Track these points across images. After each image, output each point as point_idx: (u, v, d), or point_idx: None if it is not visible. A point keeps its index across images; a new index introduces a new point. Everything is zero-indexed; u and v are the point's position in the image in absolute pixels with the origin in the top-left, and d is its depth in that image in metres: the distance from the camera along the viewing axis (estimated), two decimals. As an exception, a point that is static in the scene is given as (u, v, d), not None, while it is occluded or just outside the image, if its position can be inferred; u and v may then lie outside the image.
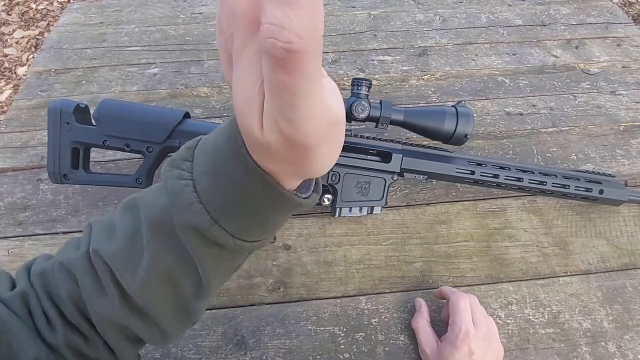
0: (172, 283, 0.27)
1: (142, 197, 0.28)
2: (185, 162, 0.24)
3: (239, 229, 0.24)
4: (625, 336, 0.49)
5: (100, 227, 0.29)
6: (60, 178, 0.51)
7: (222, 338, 0.48)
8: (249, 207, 0.23)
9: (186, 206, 0.23)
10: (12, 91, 1.64)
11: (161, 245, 0.26)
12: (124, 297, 0.27)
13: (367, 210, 0.53)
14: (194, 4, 0.89)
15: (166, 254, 0.26)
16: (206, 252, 0.25)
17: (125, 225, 0.27)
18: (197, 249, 0.25)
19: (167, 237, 0.25)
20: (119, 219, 0.28)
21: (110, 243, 0.27)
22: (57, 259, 0.29)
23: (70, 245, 0.31)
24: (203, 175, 0.23)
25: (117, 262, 0.27)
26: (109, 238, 0.28)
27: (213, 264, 0.26)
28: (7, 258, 0.53)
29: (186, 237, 0.25)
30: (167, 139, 0.50)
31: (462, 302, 0.45)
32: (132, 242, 0.27)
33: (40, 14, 1.92)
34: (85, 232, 0.30)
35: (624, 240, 0.56)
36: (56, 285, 0.29)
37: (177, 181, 0.24)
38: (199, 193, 0.23)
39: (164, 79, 0.74)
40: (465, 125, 0.51)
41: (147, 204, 0.27)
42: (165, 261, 0.26)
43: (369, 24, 0.84)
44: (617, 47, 0.80)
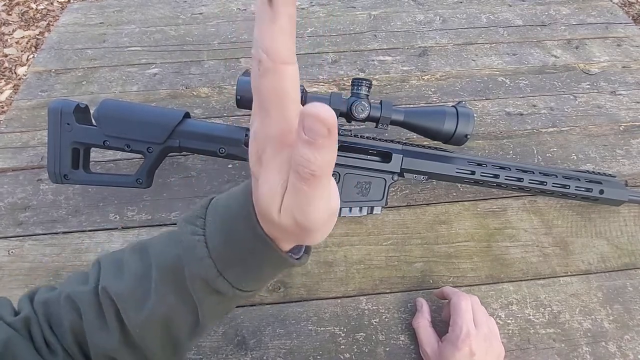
0: (171, 323, 0.30)
1: (153, 244, 0.31)
2: (198, 219, 0.28)
3: (239, 281, 0.28)
4: (626, 336, 0.49)
5: (109, 265, 0.32)
6: (60, 178, 0.51)
7: (222, 338, 0.48)
8: (250, 263, 0.27)
9: (198, 260, 0.27)
10: (12, 91, 1.64)
11: (168, 289, 0.29)
12: (124, 332, 0.30)
13: (368, 210, 0.53)
14: (194, 4, 0.89)
15: (171, 297, 0.29)
16: (207, 299, 0.29)
17: (135, 267, 0.31)
18: (201, 295, 0.29)
19: (176, 283, 0.29)
20: (128, 259, 0.31)
21: (119, 282, 0.30)
22: (64, 291, 0.32)
23: (77, 279, 0.33)
24: (214, 234, 0.27)
25: (123, 300, 0.30)
26: (117, 277, 0.31)
27: (212, 308, 0.30)
28: (8, 258, 0.53)
29: (193, 285, 0.28)
30: (167, 139, 0.50)
31: (464, 302, 0.45)
32: (140, 283, 0.30)
33: (40, 14, 1.92)
34: (94, 268, 0.33)
35: (624, 240, 0.56)
36: (60, 315, 0.31)
37: (191, 236, 0.27)
38: (210, 249, 0.27)
39: (164, 79, 0.74)
40: (466, 126, 0.51)
41: (159, 252, 0.30)
42: (170, 303, 0.29)
43: (369, 24, 0.84)
44: (617, 47, 0.80)
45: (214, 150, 0.51)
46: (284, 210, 0.22)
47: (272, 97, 0.20)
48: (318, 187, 0.21)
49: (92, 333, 0.31)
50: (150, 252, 0.31)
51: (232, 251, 0.27)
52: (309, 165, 0.19)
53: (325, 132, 0.18)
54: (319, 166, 0.19)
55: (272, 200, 0.23)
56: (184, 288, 0.29)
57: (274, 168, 0.22)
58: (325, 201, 0.22)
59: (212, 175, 0.61)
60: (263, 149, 0.22)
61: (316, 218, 0.22)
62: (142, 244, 0.32)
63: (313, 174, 0.20)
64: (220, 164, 0.62)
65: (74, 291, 0.31)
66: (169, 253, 0.29)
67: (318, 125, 0.18)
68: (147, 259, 0.30)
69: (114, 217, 0.57)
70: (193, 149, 0.51)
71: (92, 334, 0.31)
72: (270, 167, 0.22)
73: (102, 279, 0.31)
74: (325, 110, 0.18)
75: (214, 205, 0.28)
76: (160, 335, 0.31)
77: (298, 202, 0.22)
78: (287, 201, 0.22)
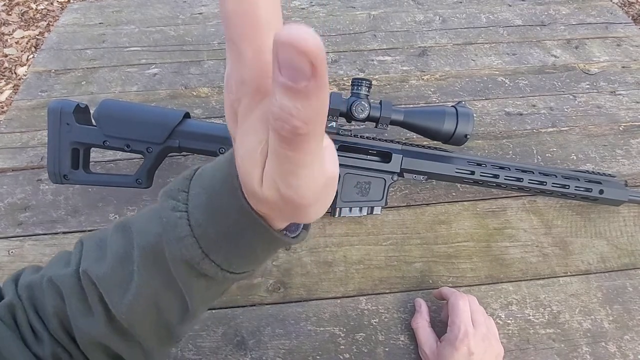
0: (159, 308, 0.27)
1: (136, 221, 0.28)
2: (181, 192, 0.24)
3: (227, 262, 0.24)
4: (626, 336, 0.49)
5: (91, 245, 0.29)
6: (60, 178, 0.51)
7: (222, 338, 0.48)
8: (239, 242, 0.23)
9: (179, 239, 0.24)
10: (12, 91, 1.64)
11: (152, 272, 0.26)
12: (109, 317, 0.28)
13: (367, 210, 0.53)
14: (193, 4, 0.89)
15: (156, 281, 0.26)
16: (194, 283, 0.25)
17: (116, 247, 0.27)
18: (186, 279, 0.25)
19: (158, 266, 0.26)
20: (110, 238, 0.28)
21: (101, 264, 0.27)
22: (46, 274, 0.29)
23: (60, 260, 0.31)
24: (197, 208, 0.23)
25: (105, 284, 0.27)
26: (99, 258, 0.28)
27: (200, 293, 0.26)
28: (7, 258, 0.53)
29: (176, 269, 0.25)
30: (167, 139, 0.50)
31: (461, 302, 0.45)
32: (122, 265, 0.27)
33: (40, 14, 1.92)
34: (76, 248, 0.30)
35: (624, 240, 0.56)
36: (43, 300, 0.29)
37: (172, 212, 0.24)
38: (192, 227, 0.23)
39: (164, 79, 0.74)
40: (465, 126, 0.51)
41: (141, 230, 0.27)
42: (154, 287, 0.26)
43: (369, 24, 0.84)
44: (617, 47, 0.80)
45: (214, 150, 0.51)
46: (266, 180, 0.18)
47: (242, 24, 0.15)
48: (305, 151, 0.16)
49: (76, 319, 0.28)
50: (133, 230, 0.27)
51: (217, 229, 0.23)
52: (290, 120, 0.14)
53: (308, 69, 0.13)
54: (303, 121, 0.14)
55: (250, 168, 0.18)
56: (167, 271, 0.25)
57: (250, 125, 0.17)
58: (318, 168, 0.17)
59: (212, 175, 0.61)
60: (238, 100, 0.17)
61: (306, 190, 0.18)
62: (126, 222, 0.28)
63: (296, 132, 0.15)
64: (220, 164, 0.61)
65: (56, 274, 0.29)
66: (150, 231, 0.26)
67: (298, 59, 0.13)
68: (130, 238, 0.27)
69: (114, 217, 0.57)
70: (193, 149, 0.51)
71: (77, 320, 0.28)
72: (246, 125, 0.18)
73: (83, 260, 0.28)
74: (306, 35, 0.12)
75: (198, 176, 0.24)
76: (150, 320, 0.28)
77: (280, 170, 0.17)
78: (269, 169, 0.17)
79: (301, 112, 0.14)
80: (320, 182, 0.18)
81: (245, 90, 0.17)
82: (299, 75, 0.13)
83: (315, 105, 0.14)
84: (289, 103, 0.14)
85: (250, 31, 0.15)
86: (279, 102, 0.14)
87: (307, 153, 0.16)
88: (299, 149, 0.16)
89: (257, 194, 0.19)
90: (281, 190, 0.18)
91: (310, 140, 0.15)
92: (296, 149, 0.16)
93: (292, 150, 0.16)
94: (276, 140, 0.16)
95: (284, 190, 0.18)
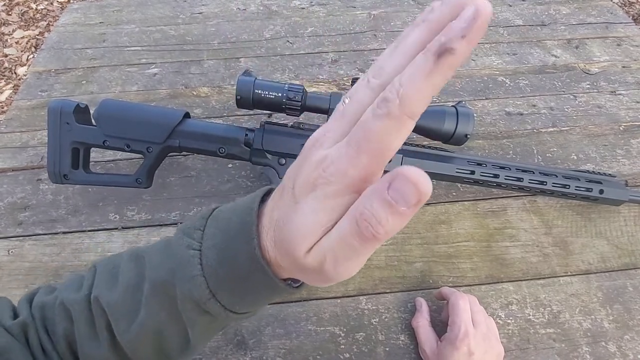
0: (162, 340, 0.29)
1: (150, 253, 0.29)
2: (196, 231, 0.26)
3: (232, 303, 0.26)
4: (626, 336, 0.49)
5: (104, 272, 0.31)
6: (60, 178, 0.51)
7: (222, 338, 0.48)
8: (246, 286, 0.25)
9: (190, 278, 0.25)
10: (12, 91, 1.64)
11: (159, 306, 0.27)
12: (114, 344, 0.29)
13: (367, 210, 0.53)
14: (194, 4, 0.89)
15: (162, 314, 0.27)
16: (198, 319, 0.27)
17: (128, 277, 0.29)
18: (190, 315, 0.27)
19: (166, 300, 0.27)
20: (123, 266, 0.30)
21: (112, 292, 0.29)
22: (59, 296, 0.31)
23: (73, 283, 0.32)
24: (210, 249, 0.25)
25: (114, 312, 0.29)
26: (111, 286, 0.29)
27: (203, 329, 0.28)
28: (7, 258, 0.53)
29: (183, 305, 0.26)
30: (167, 139, 0.50)
31: (462, 302, 0.45)
32: (132, 295, 0.28)
33: (40, 14, 1.92)
34: (90, 272, 0.32)
35: (625, 240, 0.56)
36: (54, 321, 0.30)
37: (186, 250, 0.25)
38: (204, 266, 0.25)
39: (164, 79, 0.74)
40: (466, 125, 0.51)
41: (153, 263, 0.28)
42: (160, 320, 0.28)
43: (369, 24, 0.84)
44: (617, 47, 0.80)
45: (214, 150, 0.51)
46: (315, 252, 0.20)
47: (378, 143, 0.18)
48: (369, 248, 0.18)
49: (82, 342, 0.30)
50: (146, 262, 0.29)
51: (228, 271, 0.24)
52: (377, 226, 0.17)
53: (414, 201, 0.16)
54: (386, 231, 0.17)
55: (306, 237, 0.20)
56: (174, 305, 0.27)
57: (328, 205, 0.19)
58: (363, 261, 0.20)
59: (212, 175, 0.61)
60: (328, 182, 0.19)
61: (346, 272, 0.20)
62: (140, 252, 0.30)
63: (375, 236, 0.17)
64: (220, 163, 0.62)
65: (68, 298, 0.30)
66: (162, 265, 0.27)
67: (411, 191, 0.16)
68: (142, 269, 0.29)
69: (114, 217, 0.57)
70: (193, 148, 0.51)
71: (83, 343, 0.30)
72: (324, 203, 0.19)
73: (95, 287, 0.30)
74: (424, 179, 0.16)
75: (215, 217, 0.26)
76: (152, 351, 0.29)
77: (338, 252, 0.19)
78: (327, 245, 0.19)
79: (388, 224, 0.17)
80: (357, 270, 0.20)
81: (342, 180, 0.19)
82: (404, 201, 0.16)
83: (399, 223, 0.17)
84: (383, 214, 0.17)
85: (381, 150, 0.18)
86: (374, 209, 0.17)
87: (369, 249, 0.19)
88: (367, 246, 0.18)
89: (296, 257, 0.20)
90: (326, 265, 0.20)
91: (378, 243, 0.18)
92: (364, 245, 0.18)
93: (360, 244, 0.18)
94: (351, 231, 0.18)
95: (328, 266, 0.20)
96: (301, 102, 0.49)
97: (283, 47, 0.79)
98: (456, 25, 0.16)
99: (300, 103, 0.50)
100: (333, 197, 0.19)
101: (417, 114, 0.17)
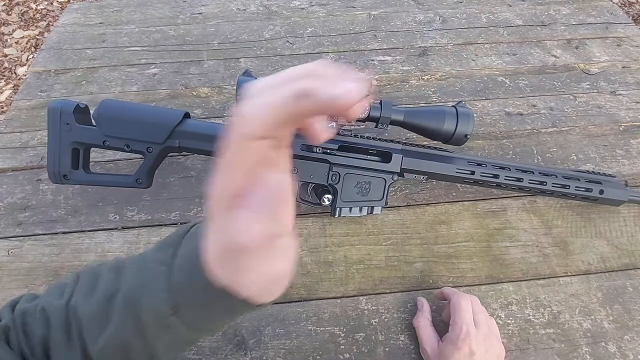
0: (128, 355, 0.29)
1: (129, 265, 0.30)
2: (169, 248, 0.27)
3: (195, 322, 0.27)
4: (626, 336, 0.49)
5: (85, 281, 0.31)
6: (60, 178, 0.50)
7: (222, 338, 0.48)
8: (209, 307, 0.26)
9: (156, 291, 0.26)
10: (12, 91, 1.64)
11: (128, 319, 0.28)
12: (85, 354, 0.29)
13: (367, 210, 0.53)
14: (193, 4, 0.89)
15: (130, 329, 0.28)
16: (161, 336, 0.27)
17: (105, 287, 0.29)
18: (153, 329, 0.27)
19: (134, 313, 0.27)
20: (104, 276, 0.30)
21: (89, 301, 0.30)
22: (41, 303, 0.31)
23: (56, 289, 0.33)
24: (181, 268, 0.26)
25: (87, 321, 0.29)
26: (89, 296, 0.30)
27: (166, 345, 0.28)
28: (7, 258, 0.53)
29: (147, 318, 0.27)
30: (167, 139, 0.50)
31: (463, 302, 0.45)
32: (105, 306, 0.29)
33: (40, 14, 1.92)
34: (72, 281, 0.32)
35: (624, 240, 0.56)
36: (33, 327, 0.31)
37: (157, 266, 0.27)
38: (171, 283, 0.26)
39: (164, 79, 0.74)
40: (465, 126, 0.51)
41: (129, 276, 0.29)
42: (126, 335, 0.28)
43: (369, 24, 0.84)
44: (617, 47, 0.80)
45: (214, 150, 0.51)
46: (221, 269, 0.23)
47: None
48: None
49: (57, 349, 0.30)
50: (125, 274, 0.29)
51: (192, 290, 0.25)
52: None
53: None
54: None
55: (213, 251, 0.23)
56: (138, 322, 0.27)
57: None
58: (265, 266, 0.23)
59: (212, 175, 0.61)
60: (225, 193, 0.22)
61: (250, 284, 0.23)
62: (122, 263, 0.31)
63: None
64: (220, 164, 0.61)
65: (49, 304, 0.31)
66: (135, 279, 0.28)
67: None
68: (119, 281, 0.29)
69: (114, 217, 0.57)
70: (193, 149, 0.51)
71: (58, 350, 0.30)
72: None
73: (75, 295, 0.31)
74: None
75: (191, 235, 0.27)
76: None
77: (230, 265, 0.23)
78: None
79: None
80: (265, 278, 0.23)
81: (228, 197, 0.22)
82: None
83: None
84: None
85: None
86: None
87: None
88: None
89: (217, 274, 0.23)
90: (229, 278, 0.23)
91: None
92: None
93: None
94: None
95: (230, 278, 0.23)
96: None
97: (283, 48, 0.79)
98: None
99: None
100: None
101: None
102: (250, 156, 0.21)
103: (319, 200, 0.52)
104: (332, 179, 0.51)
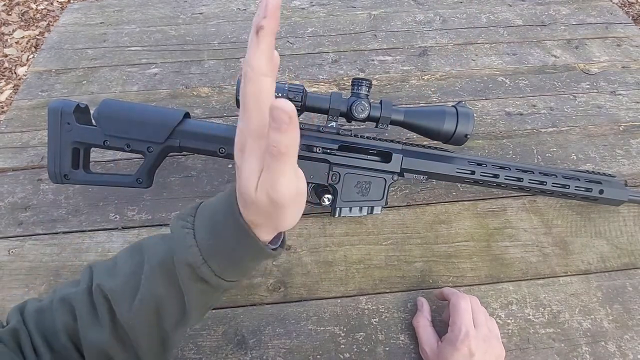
0: (160, 312, 0.33)
1: (147, 243, 0.35)
2: (188, 216, 0.33)
3: (221, 269, 0.32)
4: (625, 336, 0.49)
5: (102, 267, 0.35)
6: (60, 178, 0.51)
7: (222, 338, 0.48)
8: (232, 253, 0.32)
9: (186, 247, 0.31)
10: (12, 91, 1.64)
11: (158, 281, 0.32)
12: (114, 327, 0.33)
13: (367, 210, 0.53)
14: (194, 4, 0.89)
15: (160, 289, 0.33)
16: (193, 285, 0.32)
17: (127, 265, 0.34)
18: (187, 281, 0.32)
19: (165, 274, 0.32)
20: (121, 259, 0.35)
21: (113, 279, 0.34)
22: (57, 296, 0.35)
23: (67, 285, 0.36)
24: (201, 228, 0.32)
25: (116, 295, 0.33)
26: (111, 276, 0.34)
27: (197, 295, 0.33)
28: (8, 258, 0.53)
29: (180, 272, 0.32)
30: (167, 139, 0.50)
31: (463, 302, 0.45)
32: (132, 278, 0.33)
33: (40, 14, 1.92)
34: (85, 272, 0.35)
35: (624, 240, 0.56)
36: (53, 318, 0.34)
37: (182, 229, 0.32)
38: (197, 239, 0.31)
39: (165, 79, 0.74)
40: (466, 125, 0.51)
41: (152, 249, 0.34)
42: (158, 294, 0.33)
43: (369, 24, 0.84)
44: (617, 47, 0.80)
45: (214, 150, 0.51)
46: (260, 186, 0.28)
47: (253, 99, 0.26)
48: (285, 163, 0.26)
49: (85, 329, 0.33)
50: (144, 250, 0.34)
51: (215, 242, 0.31)
52: (278, 144, 0.25)
53: (287, 119, 0.23)
54: (285, 145, 0.25)
55: (250, 181, 0.28)
56: (172, 277, 0.32)
57: (252, 155, 0.28)
58: (292, 177, 0.27)
59: (212, 175, 0.61)
60: (245, 141, 0.28)
61: (284, 192, 0.27)
62: (137, 244, 0.35)
63: (280, 152, 0.25)
64: (220, 164, 0.62)
65: (67, 293, 0.34)
66: (160, 247, 0.33)
67: (282, 115, 0.23)
68: (140, 257, 0.34)
69: (114, 217, 0.57)
70: (193, 148, 0.51)
71: (85, 331, 0.33)
72: (250, 155, 0.28)
73: (96, 278, 0.34)
74: (285, 103, 0.23)
75: (203, 206, 0.33)
76: (149, 325, 0.33)
77: (270, 177, 0.27)
78: (262, 178, 0.27)
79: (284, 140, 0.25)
80: (294, 189, 0.28)
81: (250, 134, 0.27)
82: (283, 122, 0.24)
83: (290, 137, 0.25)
84: (277, 136, 0.24)
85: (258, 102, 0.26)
86: (272, 137, 0.25)
87: (286, 164, 0.26)
88: (282, 161, 0.26)
89: (252, 198, 0.28)
90: (269, 192, 0.27)
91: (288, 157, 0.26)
92: (279, 162, 0.26)
93: (277, 162, 0.26)
94: (269, 158, 0.26)
95: (270, 192, 0.27)
96: (301, 102, 0.50)
97: (283, 47, 0.79)
98: (258, 12, 0.25)
99: (301, 103, 0.50)
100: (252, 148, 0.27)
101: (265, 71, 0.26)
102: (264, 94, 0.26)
103: (319, 200, 0.52)
104: (332, 178, 0.52)
